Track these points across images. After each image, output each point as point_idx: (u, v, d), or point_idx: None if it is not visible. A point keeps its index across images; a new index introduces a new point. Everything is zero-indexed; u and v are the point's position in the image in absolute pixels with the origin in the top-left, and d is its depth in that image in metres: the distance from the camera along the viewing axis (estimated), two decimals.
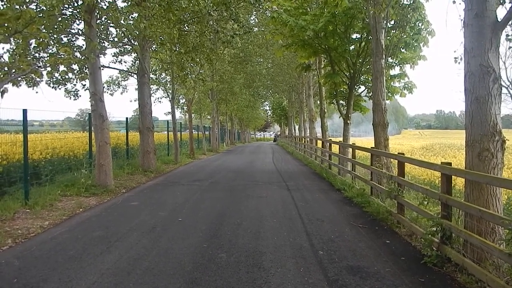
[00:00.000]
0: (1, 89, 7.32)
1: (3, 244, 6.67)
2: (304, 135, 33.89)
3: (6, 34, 7.35)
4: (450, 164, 6.13)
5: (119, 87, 22.92)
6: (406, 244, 6.85)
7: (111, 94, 22.66)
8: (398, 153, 8.74)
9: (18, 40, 8.45)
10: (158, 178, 15.32)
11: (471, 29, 5.74)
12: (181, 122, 31.39)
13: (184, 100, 31.21)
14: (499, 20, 5.54)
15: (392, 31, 14.39)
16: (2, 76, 7.62)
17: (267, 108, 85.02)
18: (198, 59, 18.03)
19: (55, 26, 11.51)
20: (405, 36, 14.31)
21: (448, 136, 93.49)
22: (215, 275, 5.24)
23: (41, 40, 8.37)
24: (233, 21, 16.74)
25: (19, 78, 7.87)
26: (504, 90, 9.81)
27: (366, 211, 9.35)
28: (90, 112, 12.89)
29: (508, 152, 27.52)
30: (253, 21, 30.41)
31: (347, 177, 13.76)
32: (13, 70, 7.88)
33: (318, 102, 33.66)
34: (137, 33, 12.70)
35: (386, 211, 8.66)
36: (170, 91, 22.11)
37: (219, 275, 5.26)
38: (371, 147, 11.04)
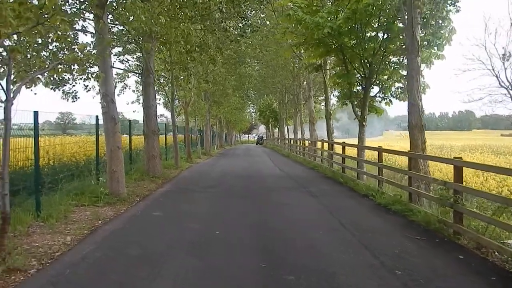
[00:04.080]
0: (14, 89, 6.43)
1: (28, 266, 5.76)
2: (302, 137, 33.26)
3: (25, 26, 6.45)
4: None
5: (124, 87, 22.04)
6: (482, 260, 6.14)
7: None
8: (455, 157, 8.05)
9: (24, 37, 7.54)
10: (167, 185, 14.42)
11: None
12: (176, 125, 30.34)
13: (177, 102, 30.20)
14: None
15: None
16: (19, 74, 6.75)
17: (252, 110, 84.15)
18: (200, 59, 17.26)
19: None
20: (425, 34, 13.75)
21: (429, 137, 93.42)
22: None
23: (60, 33, 7.53)
24: (241, 19, 16.04)
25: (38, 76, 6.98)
26: (503, 91, 9.33)
27: (412, 220, 8.65)
28: (95, 114, 12.03)
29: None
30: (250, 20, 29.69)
31: (369, 181, 13.16)
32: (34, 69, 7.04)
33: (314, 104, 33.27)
34: (148, 30, 11.82)
35: (437, 220, 7.97)
36: (170, 93, 21.17)
37: None
38: (408, 151, 10.36)
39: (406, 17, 10.43)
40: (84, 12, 11.76)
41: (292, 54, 28.47)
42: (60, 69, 7.77)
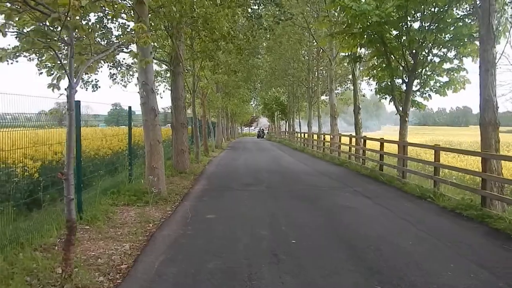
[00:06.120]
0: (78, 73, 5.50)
1: (96, 284, 4.87)
2: (319, 131, 32.36)
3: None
4: None
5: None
6: None
7: (125, 86, 20.48)
8: None
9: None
10: (200, 182, 13.51)
11: None
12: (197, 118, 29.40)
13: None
14: None
15: (466, 19, 13.00)
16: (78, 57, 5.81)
17: (253, 103, 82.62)
18: (225, 48, 16.33)
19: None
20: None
21: (429, 132, 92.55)
22: None
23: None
24: (276, 5, 15.12)
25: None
26: None
27: (496, 227, 7.77)
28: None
29: None
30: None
31: (414, 180, 12.44)
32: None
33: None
34: (196, 14, 10.87)
35: None
36: (191, 83, 20.19)
37: None
38: (483, 151, 9.49)
39: (479, 3, 9.50)
40: None
41: (310, 46, 27.60)
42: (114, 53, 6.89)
